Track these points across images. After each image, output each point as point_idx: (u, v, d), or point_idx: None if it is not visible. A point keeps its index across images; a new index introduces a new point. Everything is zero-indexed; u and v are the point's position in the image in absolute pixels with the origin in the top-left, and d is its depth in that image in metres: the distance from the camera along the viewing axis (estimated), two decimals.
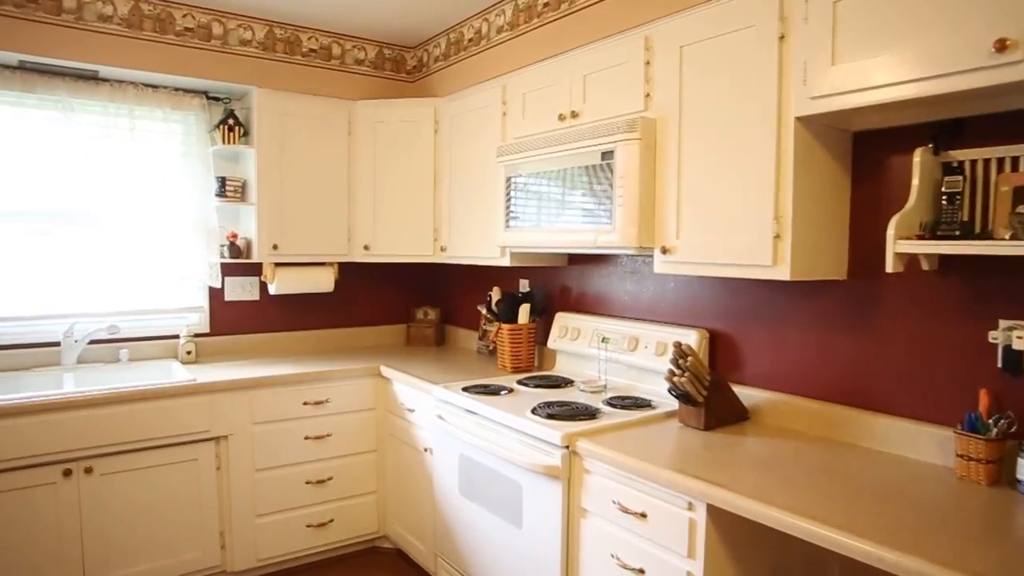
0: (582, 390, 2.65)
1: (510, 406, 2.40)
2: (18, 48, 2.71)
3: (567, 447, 2.07)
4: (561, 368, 3.04)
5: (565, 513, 2.08)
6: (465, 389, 2.66)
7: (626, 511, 1.86)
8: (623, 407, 2.37)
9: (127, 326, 3.24)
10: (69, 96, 2.99)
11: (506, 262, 2.91)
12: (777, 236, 1.82)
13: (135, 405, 2.67)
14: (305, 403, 3.04)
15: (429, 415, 2.81)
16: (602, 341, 2.75)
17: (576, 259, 3.07)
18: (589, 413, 2.27)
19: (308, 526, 3.07)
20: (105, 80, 3.05)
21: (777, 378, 2.22)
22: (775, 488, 1.61)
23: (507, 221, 2.73)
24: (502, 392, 2.62)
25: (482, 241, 3.06)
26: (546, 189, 2.52)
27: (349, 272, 3.82)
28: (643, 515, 1.82)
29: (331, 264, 3.57)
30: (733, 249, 1.93)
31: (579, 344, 2.87)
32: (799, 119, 1.77)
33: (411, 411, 2.99)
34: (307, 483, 3.06)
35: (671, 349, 2.27)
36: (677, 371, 2.15)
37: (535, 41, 2.77)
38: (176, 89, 3.20)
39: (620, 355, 2.66)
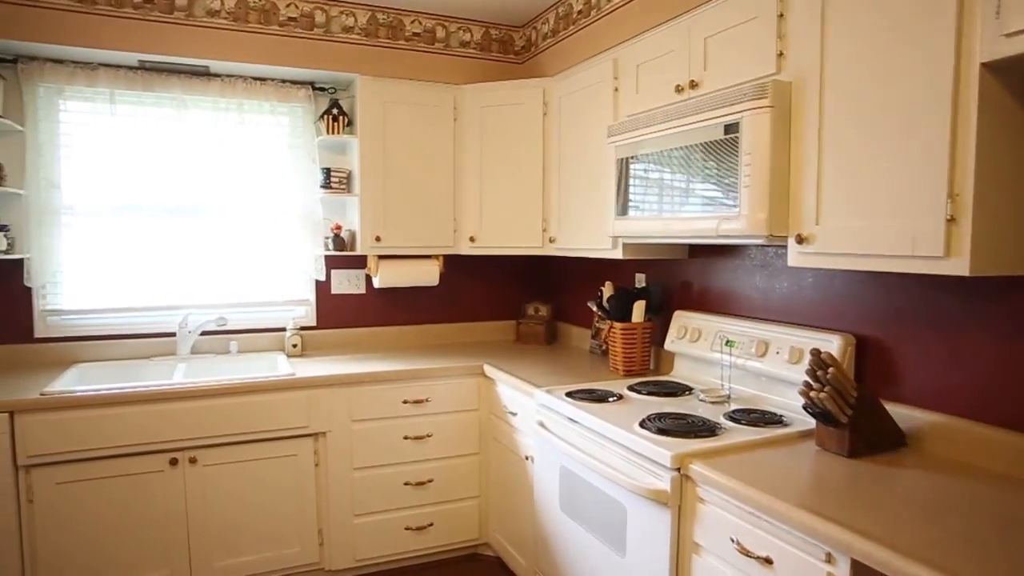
0: (701, 400, 2.32)
1: (616, 416, 2.13)
2: (137, 48, 2.78)
3: (678, 469, 1.77)
4: (679, 373, 2.72)
5: (674, 546, 1.79)
6: (569, 394, 2.42)
7: (747, 553, 1.55)
8: (748, 423, 2.03)
9: (239, 318, 3.28)
10: (183, 93, 3.04)
11: (618, 254, 2.63)
12: (951, 219, 1.42)
13: (236, 398, 2.66)
14: (405, 402, 2.93)
15: (531, 420, 2.60)
16: (726, 344, 2.41)
17: (698, 251, 2.73)
18: (708, 429, 1.95)
19: (407, 529, 2.96)
20: (216, 75, 3.08)
21: (947, 397, 1.80)
22: (948, 546, 1.24)
23: (618, 209, 2.45)
24: (610, 399, 2.35)
25: (593, 232, 2.79)
26: (661, 172, 2.22)
27: (455, 265, 3.69)
28: (768, 561, 1.49)
29: (436, 257, 3.44)
30: (890, 237, 1.55)
31: (700, 347, 2.54)
32: (987, 66, 1.36)
33: (513, 415, 2.79)
34: (406, 484, 2.95)
35: (807, 356, 1.91)
36: (815, 384, 1.79)
37: (650, 5, 2.46)
38: (283, 81, 3.19)
39: (747, 361, 2.31)
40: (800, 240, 1.80)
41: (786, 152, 1.84)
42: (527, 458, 2.65)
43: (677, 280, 2.84)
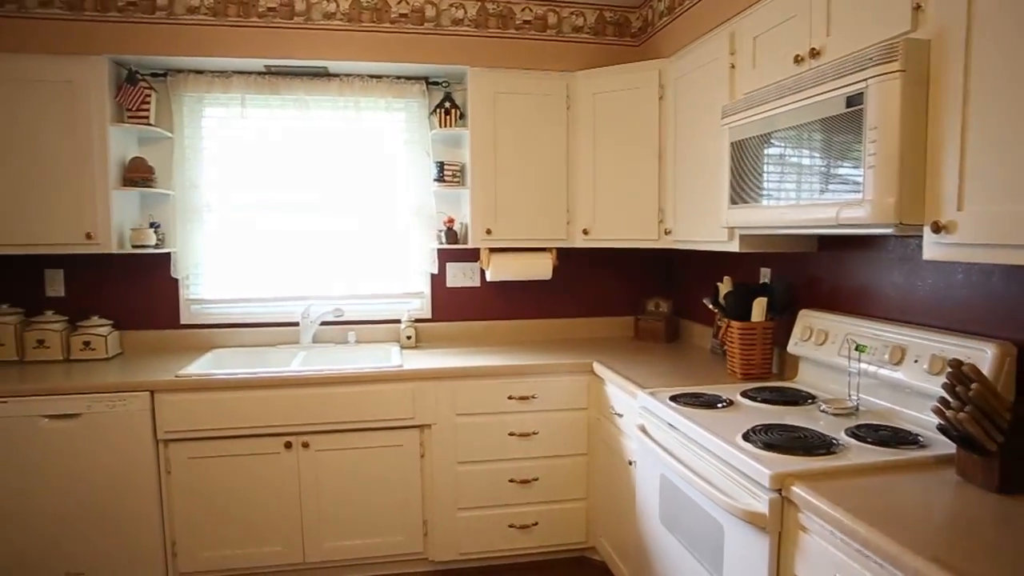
0: (823, 411, 2.05)
1: (721, 425, 1.93)
2: (263, 54, 2.94)
3: (779, 491, 1.56)
4: (803, 379, 2.44)
5: None
6: (674, 398, 2.24)
7: None
8: (874, 441, 1.75)
9: (357, 309, 3.39)
10: (305, 94, 3.19)
11: (735, 247, 2.40)
12: None
13: (346, 387, 2.74)
14: (510, 397, 2.88)
15: (634, 423, 2.44)
16: (855, 348, 2.11)
17: (828, 243, 2.42)
18: (822, 445, 1.71)
19: (511, 526, 2.91)
20: (335, 75, 3.20)
21: None
22: None
23: (731, 197, 2.23)
24: (719, 405, 2.15)
25: (708, 223, 2.57)
26: (775, 155, 1.98)
27: (570, 258, 3.58)
28: None
29: (549, 250, 3.35)
30: None
31: (826, 351, 2.25)
32: None
33: (619, 416, 2.64)
34: (511, 481, 2.90)
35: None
36: (954, 403, 1.50)
37: None
38: (397, 77, 3.24)
39: (879, 369, 2.00)
40: (937, 229, 1.50)
41: (922, 125, 1.55)
42: (630, 463, 2.50)
43: (804, 275, 2.55)
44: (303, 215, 3.34)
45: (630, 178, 3.02)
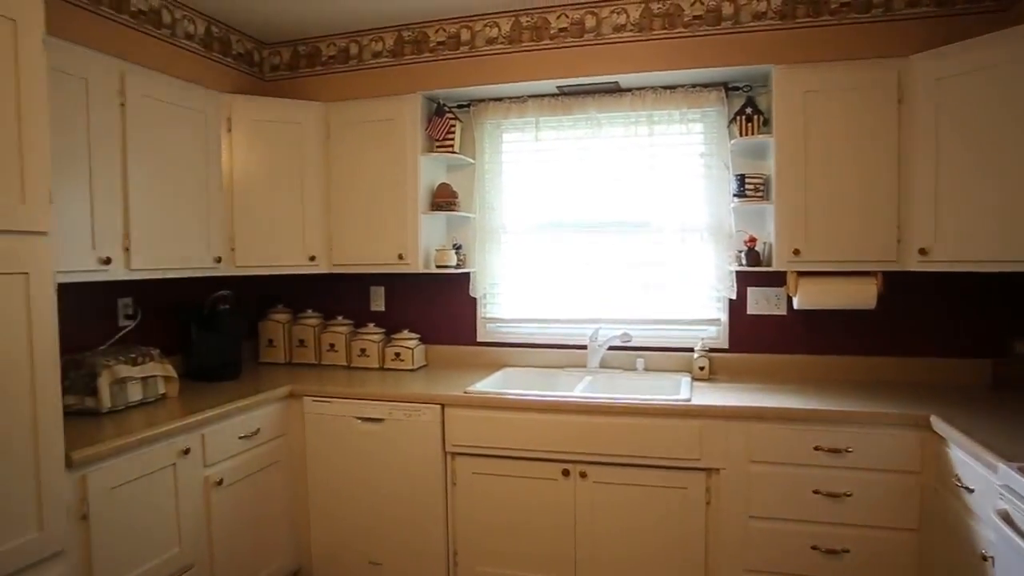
0: None
1: None
2: (556, 75, 2.97)
3: None
4: None
5: None
6: None
7: None
8: None
9: (646, 335, 3.21)
10: (597, 112, 3.13)
11: None
12: None
13: (626, 418, 2.57)
14: (817, 448, 2.41)
15: (989, 505, 1.84)
16: None
17: None
18: None
19: None
20: (626, 90, 3.08)
21: None
22: None
23: None
24: None
25: None
26: None
27: (899, 284, 2.91)
28: None
29: (872, 274, 2.78)
30: None
31: None
32: None
33: (969, 491, 2.02)
34: (813, 549, 2.42)
35: None
36: None
37: None
38: (693, 86, 3.00)
39: None
40: None
41: None
42: (985, 558, 1.89)
43: None
44: (593, 235, 3.28)
45: (993, 182, 2.34)
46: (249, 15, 3.03)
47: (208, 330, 3.05)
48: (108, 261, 2.42)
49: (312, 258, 3.24)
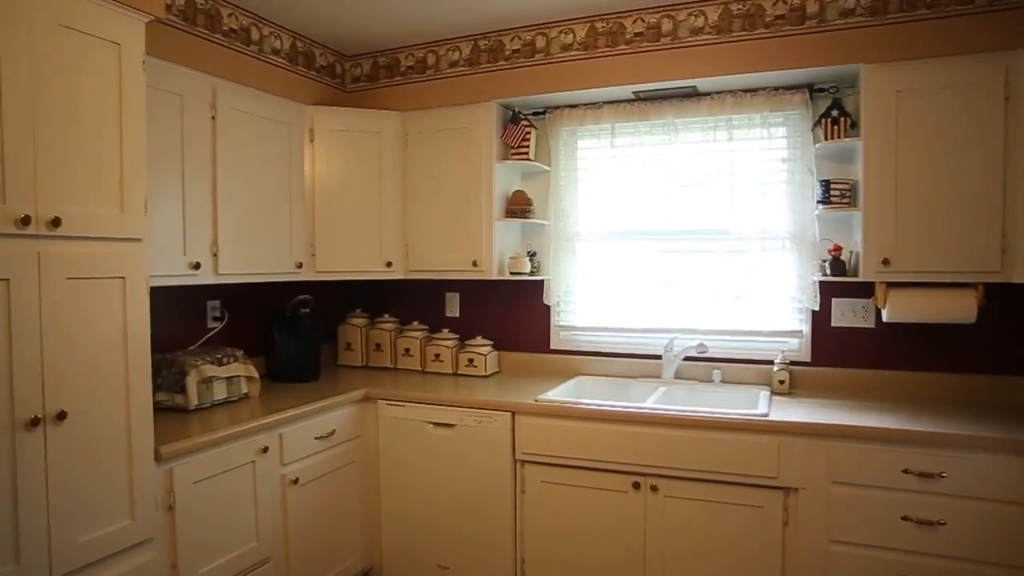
0: None
1: None
2: (632, 80, 2.92)
3: None
4: None
5: None
6: None
7: None
8: None
9: (722, 345, 3.10)
10: (674, 117, 3.06)
11: None
12: None
13: (700, 432, 2.50)
14: (907, 471, 2.26)
15: None
16: None
17: None
18: None
19: None
20: (705, 94, 3.00)
21: None
22: None
23: None
24: None
25: None
26: None
27: (1002, 296, 2.69)
28: None
29: (972, 285, 2.58)
30: None
31: None
32: None
33: None
34: None
35: None
36: None
37: None
38: (775, 89, 2.88)
39: None
40: None
41: None
42: None
43: None
44: (669, 243, 3.21)
45: None
46: (333, 29, 3.14)
47: (289, 333, 3.17)
48: (198, 266, 2.56)
49: (389, 264, 3.32)
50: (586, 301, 3.38)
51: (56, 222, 1.80)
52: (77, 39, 1.86)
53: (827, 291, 2.94)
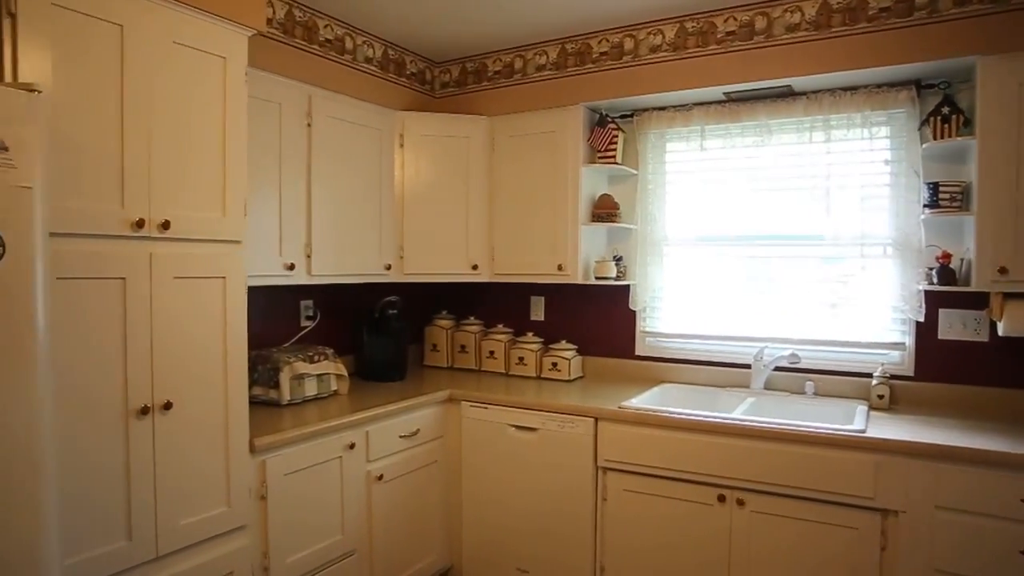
0: None
1: None
2: (723, 81, 2.83)
3: None
4: None
5: None
6: None
7: None
8: None
9: (817, 356, 2.95)
10: (767, 118, 2.94)
11: None
12: None
13: (789, 446, 2.39)
14: None
15: None
16: None
17: None
18: None
19: None
20: (800, 94, 2.87)
21: None
22: None
23: None
24: None
25: None
26: None
27: None
28: None
29: None
30: None
31: None
32: None
33: None
34: None
35: None
36: None
37: None
38: (877, 86, 2.72)
39: None
40: None
41: None
42: None
43: None
44: (761, 248, 3.09)
45: None
46: (423, 37, 3.21)
47: (377, 333, 3.27)
48: (292, 267, 2.69)
49: (475, 267, 3.36)
50: (673, 307, 3.30)
51: (166, 225, 1.93)
52: (188, 54, 2.00)
53: (933, 301, 2.75)
